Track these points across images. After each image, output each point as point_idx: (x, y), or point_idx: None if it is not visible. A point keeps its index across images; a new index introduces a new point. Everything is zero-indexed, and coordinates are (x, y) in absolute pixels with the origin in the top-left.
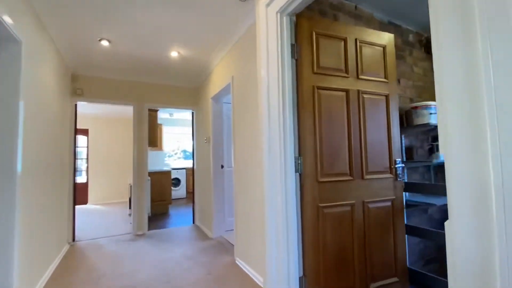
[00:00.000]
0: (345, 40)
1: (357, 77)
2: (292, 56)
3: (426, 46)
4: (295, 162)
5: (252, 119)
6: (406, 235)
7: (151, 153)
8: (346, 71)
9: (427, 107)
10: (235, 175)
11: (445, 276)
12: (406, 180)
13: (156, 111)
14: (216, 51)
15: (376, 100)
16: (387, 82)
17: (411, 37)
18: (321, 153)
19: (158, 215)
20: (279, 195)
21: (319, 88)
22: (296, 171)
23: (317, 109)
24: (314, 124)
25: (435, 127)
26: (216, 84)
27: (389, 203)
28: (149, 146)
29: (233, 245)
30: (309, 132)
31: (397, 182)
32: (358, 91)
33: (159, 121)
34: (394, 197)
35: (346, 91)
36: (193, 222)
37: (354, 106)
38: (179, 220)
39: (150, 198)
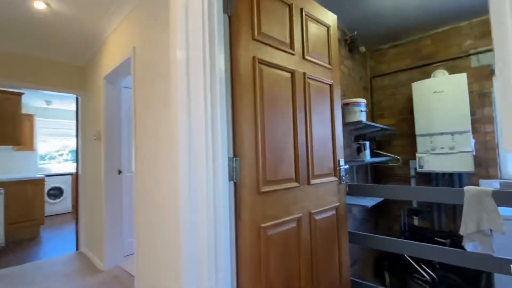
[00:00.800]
0: (290, 7)
1: (303, 57)
2: (224, 10)
3: (350, 45)
4: (229, 166)
5: (164, 105)
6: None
7: (14, 155)
8: (292, 47)
9: (358, 104)
10: (137, 183)
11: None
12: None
13: (19, 94)
14: (110, 13)
15: (321, 89)
16: (331, 69)
17: (338, 35)
18: (263, 153)
19: (19, 243)
20: (203, 214)
21: (261, 62)
22: (230, 178)
23: (259, 92)
24: (255, 113)
25: (366, 125)
26: (111, 59)
27: (333, 212)
28: (5, 144)
29: (133, 277)
30: (248, 125)
31: (341, 185)
32: (304, 74)
33: (29, 110)
34: (338, 203)
35: (292, 73)
36: (77, 249)
37: (300, 93)
38: (56, 247)
39: (3, 220)
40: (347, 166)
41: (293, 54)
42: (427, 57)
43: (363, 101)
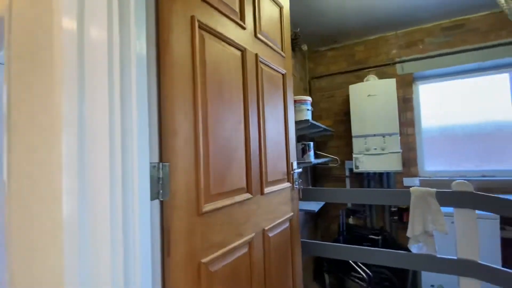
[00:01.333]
0: None
1: (255, 35)
2: None
3: (292, 42)
4: (151, 177)
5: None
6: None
7: None
8: (242, 18)
9: (304, 102)
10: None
11: None
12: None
13: None
14: None
15: (274, 79)
16: (284, 57)
17: None
18: (206, 154)
19: None
20: (104, 252)
21: (204, 27)
22: (154, 196)
23: (200, 71)
24: (195, 99)
25: (311, 124)
26: None
27: (287, 224)
28: None
29: None
30: (184, 116)
31: (294, 191)
32: (256, 56)
33: None
34: (292, 213)
35: (243, 52)
36: None
37: (252, 79)
38: None
39: None
40: (300, 170)
41: (244, 28)
42: (360, 62)
43: (309, 99)
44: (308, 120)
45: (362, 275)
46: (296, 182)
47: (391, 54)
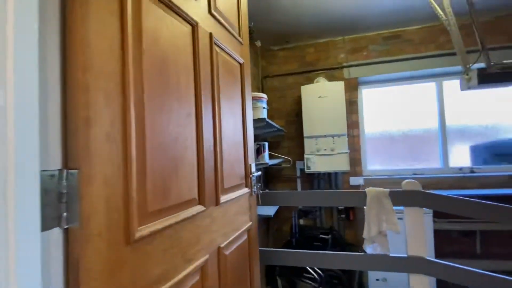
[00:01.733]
0: None
1: (209, 10)
2: None
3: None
4: (45, 192)
5: None
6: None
7: None
8: None
9: (260, 99)
10: None
11: None
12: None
13: None
14: None
15: (231, 68)
16: (242, 45)
17: None
18: (141, 157)
19: None
20: None
21: None
22: (51, 223)
23: (132, 37)
24: (124, 76)
25: (267, 123)
26: None
27: (245, 236)
28: None
29: None
30: (105, 97)
31: (252, 198)
32: (211, 36)
33: None
34: (250, 222)
35: (194, 27)
36: None
37: (205, 63)
38: None
39: None
40: (259, 173)
41: None
42: (310, 64)
43: (265, 96)
44: (264, 118)
45: (313, 275)
46: (255, 187)
47: (339, 58)
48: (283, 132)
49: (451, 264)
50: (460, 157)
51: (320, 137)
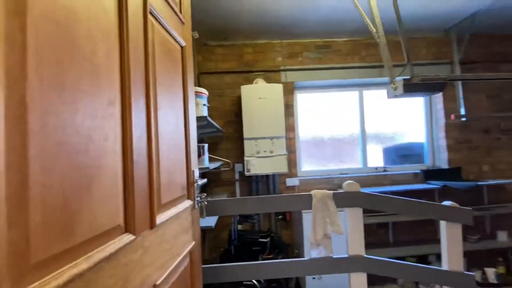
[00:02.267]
0: None
1: None
2: None
3: None
4: None
5: None
6: None
7: None
8: None
9: (200, 95)
10: None
11: None
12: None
13: None
14: None
15: (171, 49)
16: (184, 24)
17: None
18: (19, 173)
19: None
20: None
21: None
22: None
23: None
24: None
25: (208, 123)
26: None
27: (188, 260)
28: None
29: None
30: None
31: (195, 211)
32: (145, 4)
33: None
34: (193, 242)
35: None
36: None
37: (136, 37)
38: None
39: None
40: (204, 180)
41: None
42: (249, 64)
43: (205, 92)
44: (205, 117)
45: (252, 282)
46: (198, 198)
47: (276, 61)
48: (221, 133)
49: (385, 259)
50: (376, 158)
51: (260, 139)
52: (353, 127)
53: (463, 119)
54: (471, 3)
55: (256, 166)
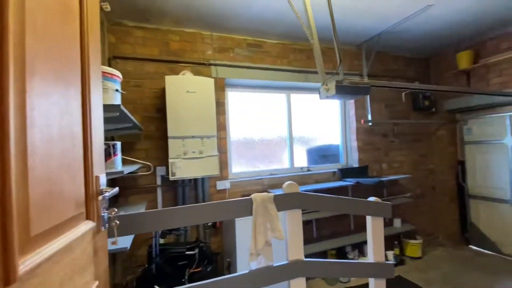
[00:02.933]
0: None
1: None
2: None
3: None
4: None
5: None
6: None
7: None
8: None
9: (112, 77)
10: None
11: None
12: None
13: None
14: None
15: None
16: None
17: None
18: None
19: None
20: None
21: None
22: None
23: None
24: None
25: (122, 114)
26: None
27: None
28: None
29: None
30: None
31: (100, 236)
32: None
33: None
34: (96, 283)
35: None
36: None
37: None
38: None
39: None
40: (115, 190)
41: None
42: (175, 53)
43: (118, 75)
44: (119, 106)
45: None
46: (105, 214)
47: (206, 54)
48: (140, 131)
49: (323, 260)
50: (300, 158)
51: (188, 138)
52: (281, 128)
53: (370, 124)
54: (379, 23)
55: (183, 169)
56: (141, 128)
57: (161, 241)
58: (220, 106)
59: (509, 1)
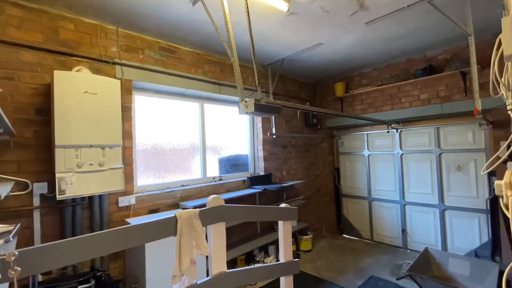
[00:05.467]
0: None
1: None
2: None
3: None
4: None
5: None
6: None
7: None
8: None
9: None
10: None
11: None
12: None
13: None
14: None
15: None
16: None
17: None
18: None
19: None
20: None
21: None
22: None
23: None
24: None
25: None
26: None
27: None
28: None
29: None
30: None
31: None
32: None
33: None
34: None
35: None
36: None
37: None
38: None
39: None
40: None
41: None
42: (66, 44)
43: None
44: None
45: None
46: None
47: (110, 52)
48: (9, 137)
49: (243, 268)
50: (213, 168)
51: (84, 148)
52: (194, 137)
53: (274, 136)
54: (283, 51)
55: (76, 185)
56: (13, 133)
57: (40, 278)
58: (126, 112)
59: (365, 52)
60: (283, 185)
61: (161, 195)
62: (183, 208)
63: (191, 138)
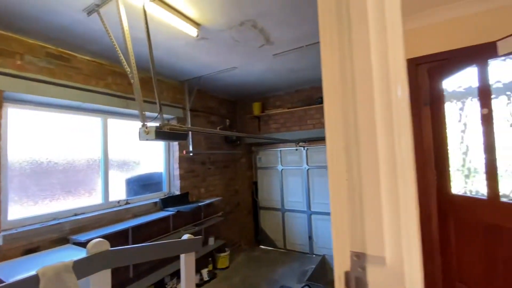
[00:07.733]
0: None
1: None
2: None
3: None
4: None
5: None
6: None
7: None
8: None
9: None
10: None
11: None
12: None
13: None
14: None
15: None
16: None
17: None
18: None
19: None
20: None
21: None
22: None
23: None
24: None
25: None
26: None
27: None
28: None
29: None
30: None
31: None
32: None
33: None
34: None
35: None
36: None
37: None
38: None
39: None
40: None
41: None
42: None
43: None
44: None
45: None
46: None
47: None
48: None
49: None
50: (118, 190)
51: None
52: (94, 156)
53: (191, 154)
54: (200, 69)
55: None
56: None
57: None
58: None
59: (276, 78)
60: (200, 204)
61: (44, 229)
62: (74, 243)
63: (90, 157)
